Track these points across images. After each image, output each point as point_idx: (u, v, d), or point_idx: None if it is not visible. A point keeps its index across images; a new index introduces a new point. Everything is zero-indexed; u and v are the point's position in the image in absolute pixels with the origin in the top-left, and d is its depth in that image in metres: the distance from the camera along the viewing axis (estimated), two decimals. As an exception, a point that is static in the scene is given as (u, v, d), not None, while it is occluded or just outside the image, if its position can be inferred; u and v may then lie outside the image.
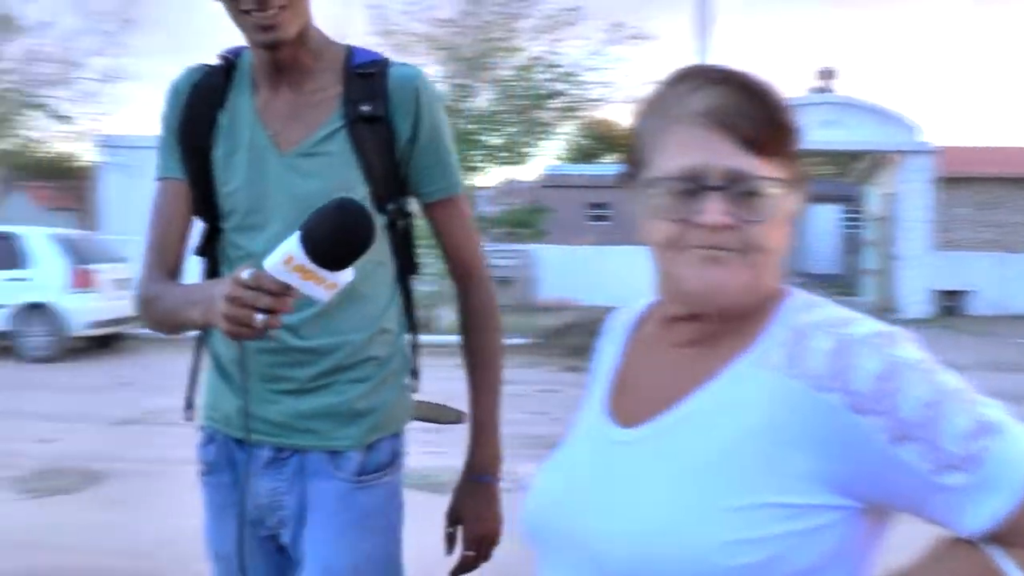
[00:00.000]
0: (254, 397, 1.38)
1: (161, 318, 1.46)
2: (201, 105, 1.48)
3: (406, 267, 1.55)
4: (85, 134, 16.21)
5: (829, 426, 0.79)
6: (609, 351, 1.04)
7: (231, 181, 1.46)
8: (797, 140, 0.88)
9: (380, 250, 1.43)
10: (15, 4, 14.95)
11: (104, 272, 10.43)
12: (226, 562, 1.50)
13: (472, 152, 13.13)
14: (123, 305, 9.81)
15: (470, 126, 13.39)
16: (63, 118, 16.13)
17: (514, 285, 15.55)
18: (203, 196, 1.48)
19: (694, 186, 0.83)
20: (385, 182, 1.44)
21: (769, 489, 0.79)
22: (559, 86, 14.10)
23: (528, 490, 0.96)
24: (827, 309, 0.87)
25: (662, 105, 0.88)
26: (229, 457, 1.51)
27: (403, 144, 1.45)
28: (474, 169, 13.71)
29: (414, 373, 1.59)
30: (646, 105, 0.90)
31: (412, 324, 1.59)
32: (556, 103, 14.24)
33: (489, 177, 15.30)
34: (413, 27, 13.83)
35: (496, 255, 13.82)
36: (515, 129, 13.78)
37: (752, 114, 0.83)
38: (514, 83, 13.78)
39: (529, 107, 13.72)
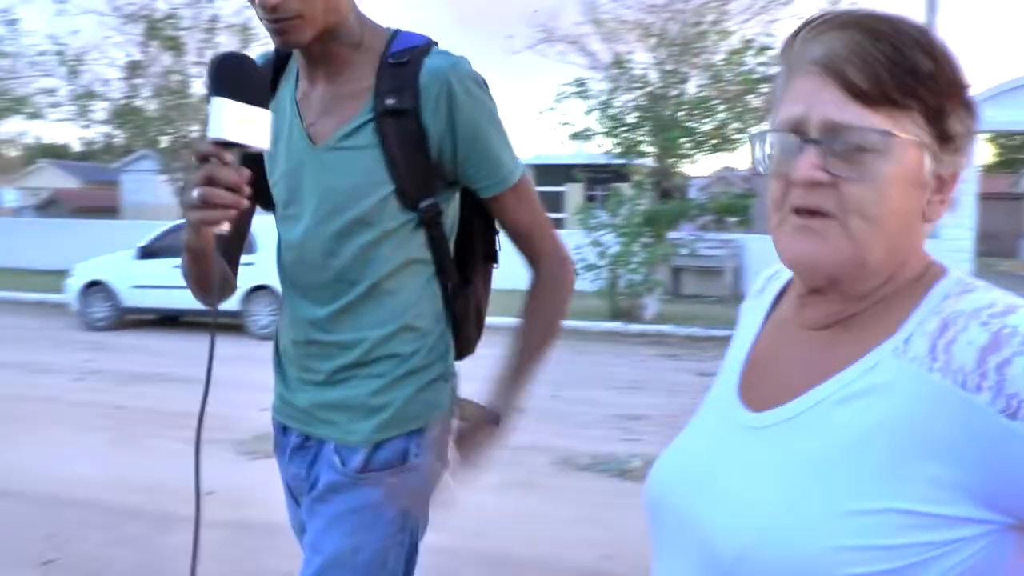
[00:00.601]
0: (290, 385, 1.51)
1: (188, 278, 1.50)
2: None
3: (442, 265, 1.49)
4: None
5: (976, 430, 0.68)
6: (750, 322, 0.97)
7: (274, 172, 1.49)
8: (941, 89, 0.74)
9: (409, 247, 1.42)
10: (250, 17, 16.18)
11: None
12: (295, 532, 1.62)
13: (682, 139, 12.66)
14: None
15: (679, 113, 12.93)
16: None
17: (723, 275, 14.88)
18: (258, 186, 1.45)
19: (796, 139, 0.76)
20: (413, 179, 1.39)
21: (895, 494, 0.69)
22: (772, 70, 13.34)
23: (655, 464, 0.92)
24: (986, 294, 0.74)
25: (790, 54, 0.80)
26: (278, 440, 1.59)
27: (437, 140, 1.38)
28: (684, 157, 13.24)
29: (449, 372, 1.52)
30: (780, 55, 0.83)
31: (455, 322, 1.55)
32: (768, 87, 13.50)
33: (700, 165, 14.86)
34: (623, 14, 13.55)
35: (704, 245, 13.23)
36: (726, 115, 13.16)
37: (867, 58, 0.73)
38: (725, 68, 13.17)
39: (741, 92, 13.05)
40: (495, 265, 1.65)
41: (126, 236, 14.07)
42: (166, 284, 10.73)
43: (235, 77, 1.18)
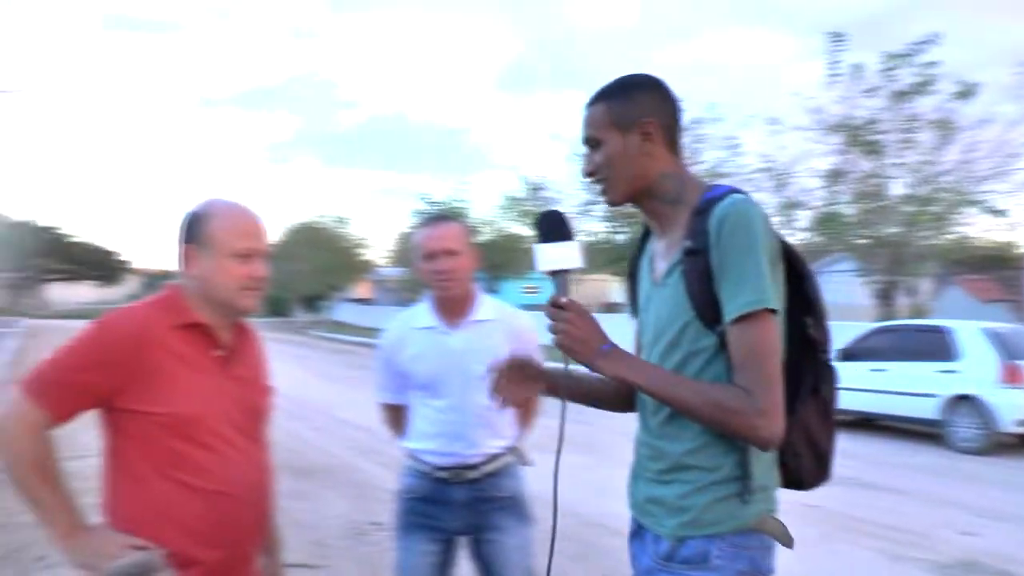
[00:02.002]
0: (634, 476, 1.80)
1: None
2: (636, 249, 1.89)
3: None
4: (1019, 225, 15.71)
5: None
6: None
7: (636, 308, 1.86)
8: None
9: (713, 369, 1.60)
10: (951, 109, 15.43)
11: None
12: None
13: None
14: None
15: None
16: (998, 212, 15.85)
17: None
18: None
19: None
20: (707, 308, 1.58)
21: None
22: None
23: None
24: None
25: None
26: (632, 526, 1.82)
27: (713, 271, 1.56)
28: None
29: (750, 490, 1.61)
30: None
31: (790, 449, 1.70)
32: None
33: None
34: None
35: None
36: None
37: None
38: None
39: None
40: (824, 398, 1.73)
41: (823, 336, 14.47)
42: (863, 387, 10.70)
43: (549, 226, 1.70)
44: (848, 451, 9.61)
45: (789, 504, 1.74)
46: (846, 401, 11.04)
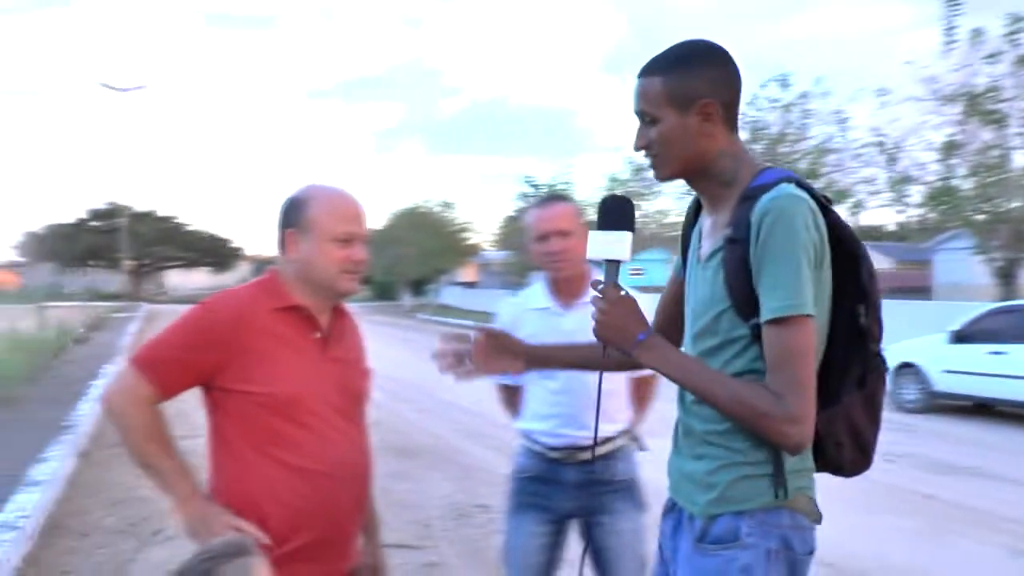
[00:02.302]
0: (673, 453, 1.79)
1: None
2: (687, 223, 1.85)
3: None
4: None
5: None
6: None
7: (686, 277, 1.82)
8: None
9: (745, 359, 1.60)
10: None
11: None
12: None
13: None
14: None
15: None
16: None
17: None
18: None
19: None
20: (743, 299, 1.57)
21: None
22: None
23: None
24: None
25: None
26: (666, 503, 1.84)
27: (752, 264, 1.54)
28: None
29: (779, 473, 1.60)
30: None
31: (830, 436, 1.68)
32: None
33: None
34: None
35: None
36: None
37: None
38: None
39: None
40: (871, 389, 1.70)
41: (938, 317, 13.86)
42: (979, 371, 10.19)
43: (607, 212, 1.71)
44: (964, 438, 9.21)
45: (903, 493, 1.71)
46: (960, 385, 10.56)
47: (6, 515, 4.84)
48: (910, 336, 12.12)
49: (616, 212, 1.70)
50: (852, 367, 1.64)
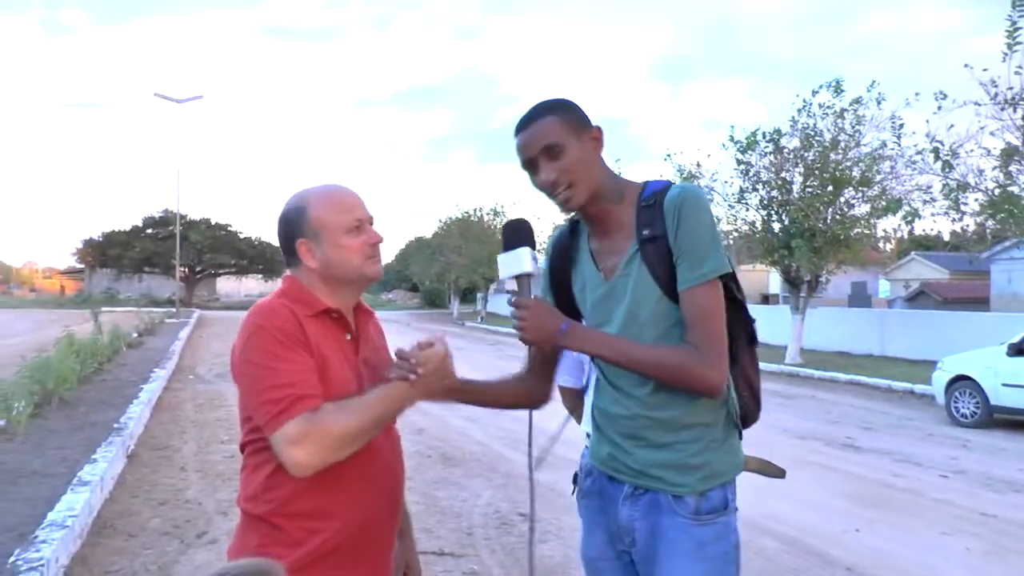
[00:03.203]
0: (619, 447, 1.95)
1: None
2: (558, 257, 2.07)
3: None
4: None
5: None
6: None
7: (585, 305, 2.00)
8: None
9: (682, 337, 1.82)
10: None
11: None
12: (591, 564, 2.08)
13: None
14: None
15: None
16: None
17: None
18: (570, 314, 1.94)
19: None
20: (672, 283, 1.82)
21: None
22: None
23: None
24: None
25: None
26: (601, 488, 2.03)
27: (673, 249, 1.81)
28: None
29: (739, 432, 1.96)
30: None
31: (738, 392, 1.96)
32: None
33: None
34: None
35: None
36: None
37: None
38: None
39: None
40: (756, 346, 2.00)
41: (995, 329, 13.45)
42: (1040, 384, 9.86)
43: (508, 235, 1.93)
44: (1025, 454, 8.87)
45: (960, 511, 1.60)
46: (1020, 399, 10.21)
47: (56, 514, 4.92)
48: (966, 348, 11.79)
49: (513, 233, 1.92)
50: (739, 332, 1.92)
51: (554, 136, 1.83)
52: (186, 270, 54.31)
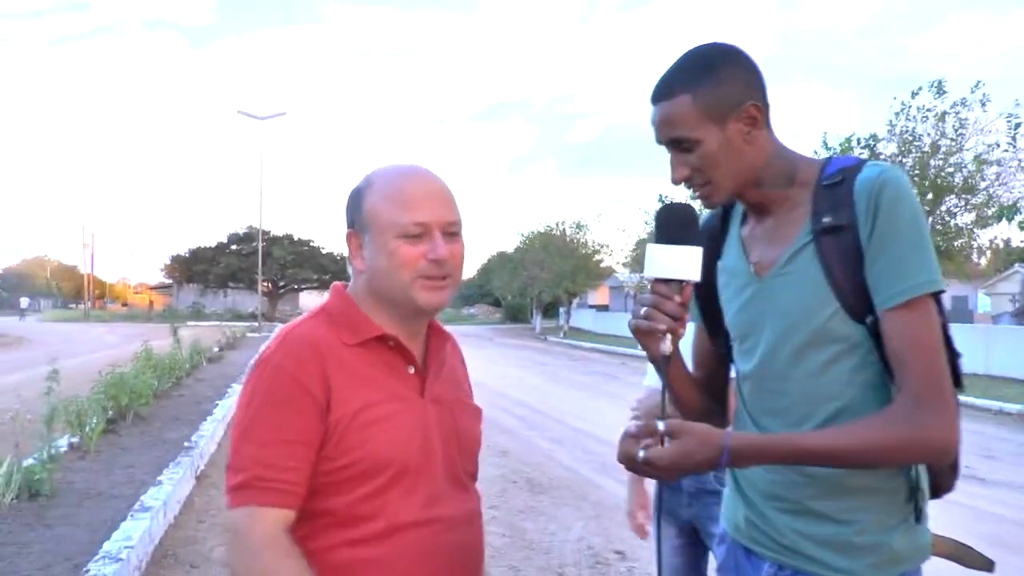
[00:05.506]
0: (758, 512, 1.49)
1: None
2: (706, 249, 1.45)
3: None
4: None
5: None
6: None
7: (729, 311, 1.57)
8: None
9: (860, 367, 1.38)
10: None
11: None
12: None
13: None
14: None
15: None
16: None
17: None
18: (713, 326, 1.64)
19: None
20: (855, 293, 1.37)
21: None
22: None
23: None
24: None
25: None
26: (737, 562, 1.57)
27: (865, 248, 1.35)
28: None
29: (917, 501, 1.41)
30: None
31: None
32: None
33: None
34: None
35: None
36: None
37: None
38: None
39: None
40: (961, 389, 1.42)
41: None
42: None
43: (668, 223, 1.41)
44: None
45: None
46: None
47: (112, 544, 4.61)
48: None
49: (681, 222, 1.42)
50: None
51: (683, 128, 1.41)
52: (269, 285, 55.39)
